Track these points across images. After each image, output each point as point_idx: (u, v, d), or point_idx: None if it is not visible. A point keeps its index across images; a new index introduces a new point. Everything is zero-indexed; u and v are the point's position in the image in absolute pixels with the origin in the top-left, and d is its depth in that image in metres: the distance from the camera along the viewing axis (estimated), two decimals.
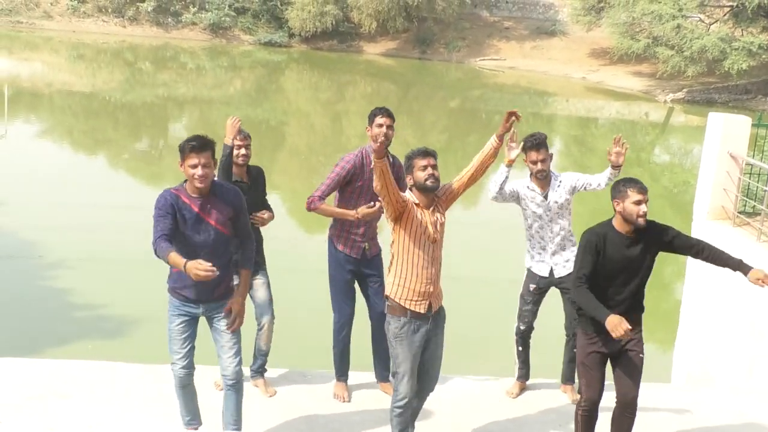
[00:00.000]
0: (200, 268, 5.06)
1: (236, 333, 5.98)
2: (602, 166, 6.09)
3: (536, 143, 7.06)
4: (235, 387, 6.05)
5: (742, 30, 43.02)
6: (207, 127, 30.23)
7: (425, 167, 5.80)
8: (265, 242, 7.31)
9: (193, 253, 5.54)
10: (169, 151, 26.40)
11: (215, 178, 5.86)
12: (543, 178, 7.14)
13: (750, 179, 10.38)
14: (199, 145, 5.61)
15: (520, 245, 7.62)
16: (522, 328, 7.47)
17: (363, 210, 6.72)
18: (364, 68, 50.44)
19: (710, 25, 44.09)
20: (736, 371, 9.67)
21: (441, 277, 6.05)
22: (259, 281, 7.15)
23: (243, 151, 7.01)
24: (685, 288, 11.01)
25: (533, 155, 7.08)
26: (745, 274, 5.87)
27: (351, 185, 6.90)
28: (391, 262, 5.96)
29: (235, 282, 6.16)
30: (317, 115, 35.45)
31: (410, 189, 5.91)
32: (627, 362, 5.99)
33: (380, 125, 6.80)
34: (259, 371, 7.32)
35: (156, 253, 5.42)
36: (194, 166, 5.59)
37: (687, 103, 41.12)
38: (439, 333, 6.11)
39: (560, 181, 7.19)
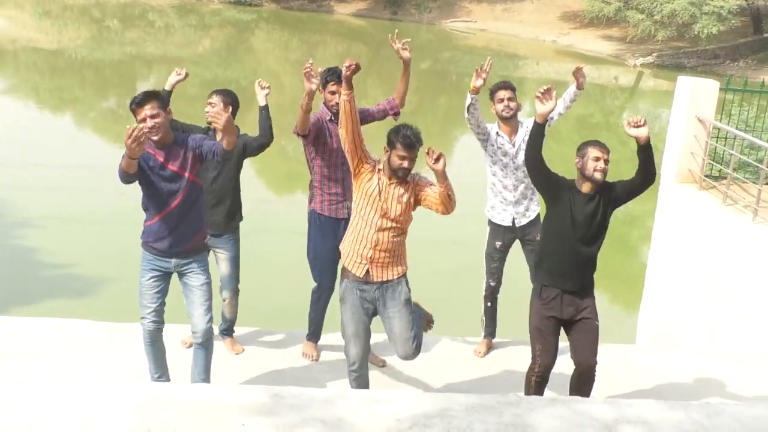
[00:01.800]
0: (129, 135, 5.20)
1: (206, 291, 5.99)
2: (571, 130, 6.12)
3: (504, 84, 7.17)
4: (205, 345, 6.06)
5: None
6: (176, 86, 29.91)
7: (404, 158, 5.69)
8: None
9: (164, 202, 5.74)
10: None
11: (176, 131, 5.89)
12: (510, 117, 7.14)
13: (717, 143, 10.46)
14: (139, 99, 5.63)
15: (479, 209, 7.64)
16: (492, 284, 7.51)
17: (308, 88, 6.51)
18: (335, 28, 50.11)
19: None
20: (699, 333, 9.82)
21: (394, 250, 5.90)
22: (222, 255, 7.05)
23: (207, 108, 6.96)
24: (650, 252, 11.12)
25: (501, 93, 7.13)
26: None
27: (319, 143, 6.84)
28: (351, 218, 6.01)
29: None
30: (287, 75, 35.18)
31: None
32: (582, 330, 6.03)
33: (332, 93, 6.80)
34: (225, 332, 7.33)
35: (121, 180, 5.58)
36: (143, 120, 5.60)
37: (656, 68, 41.26)
38: (392, 307, 5.94)
39: (527, 128, 7.21)
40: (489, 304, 7.61)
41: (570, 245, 5.94)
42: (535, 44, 47.75)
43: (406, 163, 5.71)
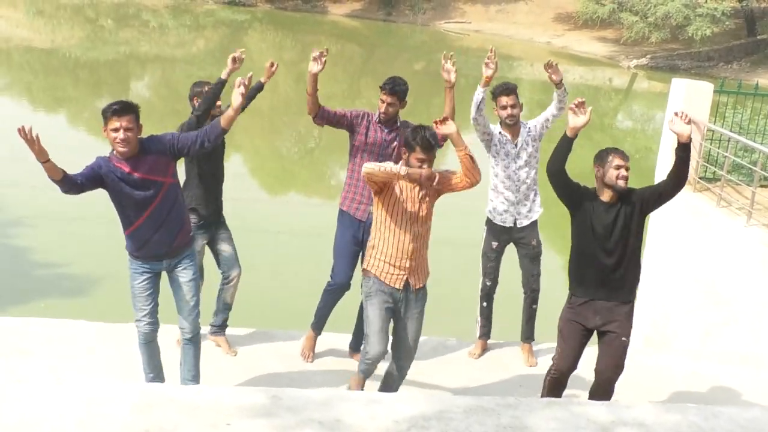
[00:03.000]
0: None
1: (195, 286, 6.00)
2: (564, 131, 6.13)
3: (506, 89, 7.16)
4: (193, 341, 6.09)
5: None
6: (169, 86, 29.88)
7: (423, 161, 5.66)
8: (225, 202, 7.23)
9: (140, 209, 5.71)
10: None
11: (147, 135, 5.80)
12: (513, 124, 7.16)
13: (711, 145, 10.49)
14: (120, 108, 5.56)
15: (478, 208, 7.63)
16: (488, 283, 7.51)
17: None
18: (329, 29, 50.07)
19: None
20: (692, 335, 9.84)
21: (425, 250, 5.97)
22: (223, 235, 7.14)
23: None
24: (645, 253, 11.14)
25: (503, 100, 7.14)
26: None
27: (354, 137, 6.87)
28: (372, 236, 5.95)
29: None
30: (280, 76, 34.99)
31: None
32: (607, 343, 5.95)
33: (382, 101, 6.82)
34: (222, 327, 7.30)
35: (61, 190, 5.66)
36: (116, 130, 5.55)
37: (650, 69, 41.30)
38: (415, 312, 5.99)
39: (528, 129, 7.27)
40: (485, 304, 7.60)
41: (591, 255, 5.88)
42: (530, 45, 47.76)
43: (425, 166, 5.67)
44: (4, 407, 4.17)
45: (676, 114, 5.85)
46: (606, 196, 5.86)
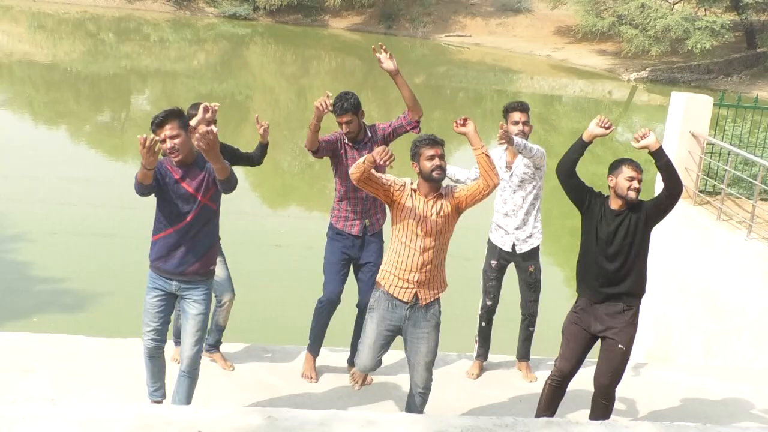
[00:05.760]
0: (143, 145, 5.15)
1: (201, 321, 5.88)
2: (565, 144, 6.12)
3: (520, 105, 7.07)
4: (189, 374, 5.96)
5: (705, 9, 43.38)
6: (171, 100, 29.83)
7: (432, 157, 5.63)
8: (225, 216, 7.18)
9: (173, 220, 5.67)
10: (132, 123, 26.11)
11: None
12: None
13: (711, 158, 10.47)
14: (160, 119, 5.56)
15: (481, 223, 7.59)
16: (488, 303, 7.40)
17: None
18: (329, 43, 50.20)
19: (674, 4, 44.39)
20: (694, 348, 9.81)
21: (438, 266, 5.88)
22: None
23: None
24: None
25: (515, 116, 7.00)
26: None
27: (334, 162, 6.81)
28: (388, 248, 5.94)
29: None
30: (282, 90, 35.20)
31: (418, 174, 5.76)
32: (605, 349, 5.98)
33: (339, 123, 6.73)
34: (215, 345, 7.27)
35: (136, 191, 5.48)
36: (162, 141, 5.53)
37: (650, 82, 41.38)
38: (424, 331, 5.86)
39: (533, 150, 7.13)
40: (484, 324, 7.49)
41: (593, 258, 5.96)
42: (530, 59, 47.86)
43: (437, 161, 5.62)
44: None
45: (635, 137, 6.04)
46: (614, 204, 5.95)
